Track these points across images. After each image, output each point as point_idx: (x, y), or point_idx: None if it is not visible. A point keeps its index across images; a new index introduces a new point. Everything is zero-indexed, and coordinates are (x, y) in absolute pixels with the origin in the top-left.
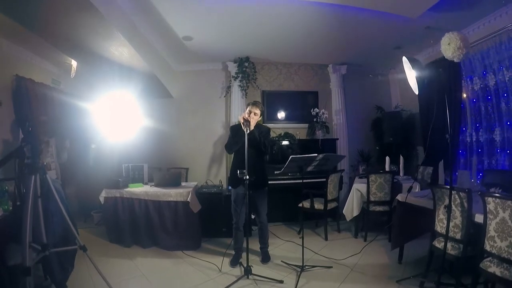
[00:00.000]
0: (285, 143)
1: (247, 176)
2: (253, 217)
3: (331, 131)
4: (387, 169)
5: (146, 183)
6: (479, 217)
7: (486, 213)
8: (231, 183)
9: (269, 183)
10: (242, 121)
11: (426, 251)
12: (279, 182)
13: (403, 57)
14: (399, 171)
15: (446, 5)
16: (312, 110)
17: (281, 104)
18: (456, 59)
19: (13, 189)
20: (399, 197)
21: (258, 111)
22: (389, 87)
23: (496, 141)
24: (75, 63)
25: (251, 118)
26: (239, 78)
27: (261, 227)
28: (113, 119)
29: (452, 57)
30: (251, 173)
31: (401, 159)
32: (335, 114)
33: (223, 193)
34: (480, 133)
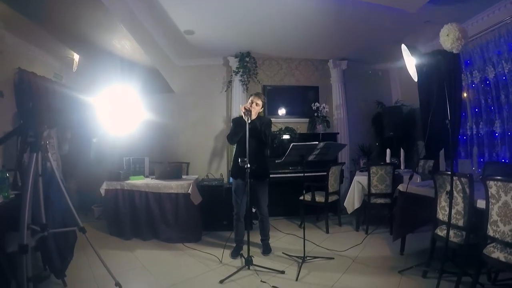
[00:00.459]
0: (286, 137)
1: (248, 164)
2: (254, 211)
3: (332, 125)
4: (388, 162)
5: (147, 176)
6: (481, 203)
7: (488, 197)
8: (232, 174)
9: (270, 176)
10: (243, 111)
11: (428, 243)
12: (280, 175)
13: (402, 45)
14: (400, 164)
15: None
16: (312, 104)
17: (282, 99)
18: (455, 50)
19: (13, 179)
20: (400, 187)
21: (260, 102)
22: (389, 82)
23: (496, 133)
24: (77, 57)
25: (253, 108)
26: (240, 73)
27: (261, 219)
28: (115, 113)
29: (451, 48)
30: (252, 162)
31: (402, 152)
32: (335, 109)
33: (224, 186)
34: (480, 126)
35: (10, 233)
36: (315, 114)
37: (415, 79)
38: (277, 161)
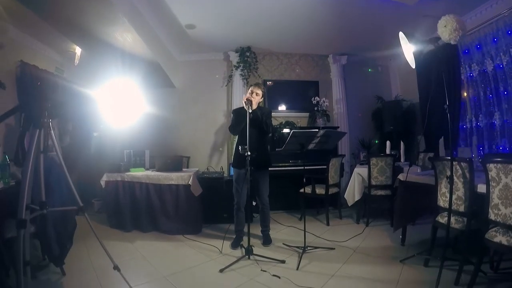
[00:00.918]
0: (286, 130)
1: (249, 152)
2: (254, 204)
3: (332, 120)
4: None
5: (147, 169)
6: (481, 187)
7: (488, 181)
8: (233, 164)
9: (270, 169)
10: (244, 100)
11: (428, 234)
12: (280, 168)
13: (400, 32)
14: (400, 157)
15: None
16: (312, 98)
17: (282, 93)
18: (452, 41)
19: (14, 154)
20: (400, 176)
21: (259, 91)
22: (389, 77)
23: (495, 125)
24: (79, 51)
25: (253, 98)
26: (241, 67)
27: (262, 209)
28: (116, 107)
29: (449, 39)
30: (254, 151)
31: (402, 145)
32: (335, 103)
33: (224, 179)
34: (479, 118)
35: (9, 220)
36: (315, 108)
37: (413, 66)
38: (277, 149)
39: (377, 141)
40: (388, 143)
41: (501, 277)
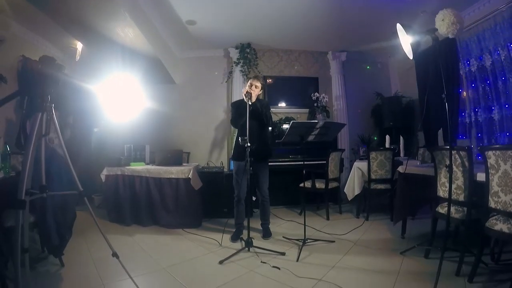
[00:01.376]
0: (286, 126)
1: (248, 143)
2: (254, 199)
3: (331, 116)
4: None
5: (147, 163)
6: (481, 176)
7: (487, 169)
8: (233, 157)
9: (270, 164)
10: (244, 93)
11: (428, 227)
12: (281, 164)
13: (397, 24)
14: (400, 152)
15: None
16: (312, 94)
17: (282, 89)
18: (450, 35)
19: (16, 137)
20: (400, 168)
21: (259, 84)
22: (388, 74)
23: (494, 120)
24: (80, 47)
25: (252, 90)
26: (241, 64)
27: (262, 201)
28: (116, 102)
29: (446, 32)
30: (254, 143)
31: (402, 140)
32: (335, 99)
33: (224, 173)
34: (478, 113)
35: (8, 210)
36: (315, 104)
37: (410, 57)
38: (277, 141)
39: (376, 138)
40: (387, 137)
41: (503, 268)
